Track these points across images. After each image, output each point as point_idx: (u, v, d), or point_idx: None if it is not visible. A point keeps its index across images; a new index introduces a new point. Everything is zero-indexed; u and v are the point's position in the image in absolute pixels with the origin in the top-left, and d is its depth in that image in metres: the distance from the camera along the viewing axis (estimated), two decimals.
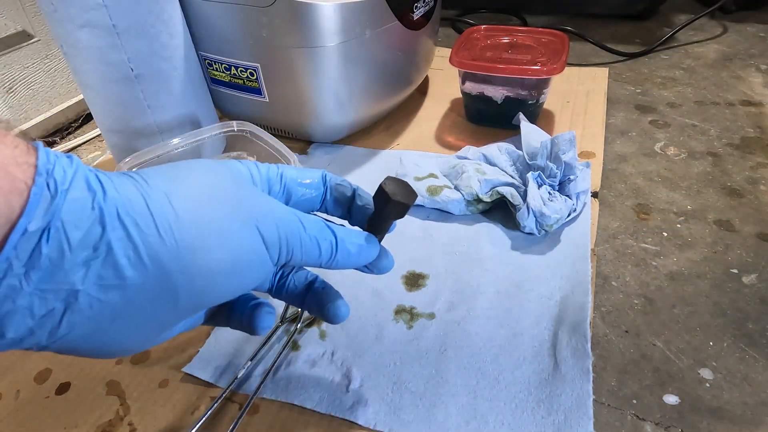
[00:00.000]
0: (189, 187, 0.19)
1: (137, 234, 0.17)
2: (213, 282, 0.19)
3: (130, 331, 0.18)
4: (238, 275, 0.20)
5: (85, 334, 0.17)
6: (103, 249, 0.16)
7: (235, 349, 0.38)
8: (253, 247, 0.20)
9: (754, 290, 0.40)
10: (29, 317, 0.15)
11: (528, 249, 0.45)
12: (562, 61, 0.55)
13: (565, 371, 0.34)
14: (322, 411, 0.33)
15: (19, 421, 0.35)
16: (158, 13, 0.47)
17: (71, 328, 0.16)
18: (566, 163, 0.46)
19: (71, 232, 0.15)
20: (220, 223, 0.19)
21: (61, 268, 0.15)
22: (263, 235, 0.20)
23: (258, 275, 0.21)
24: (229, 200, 0.20)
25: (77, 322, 0.16)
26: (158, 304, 0.18)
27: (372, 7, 0.51)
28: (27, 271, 0.15)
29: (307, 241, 0.22)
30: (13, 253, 0.14)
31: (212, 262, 0.19)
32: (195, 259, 0.18)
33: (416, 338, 0.38)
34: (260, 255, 0.20)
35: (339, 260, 0.24)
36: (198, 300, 0.19)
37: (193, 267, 0.18)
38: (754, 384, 0.34)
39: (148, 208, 0.17)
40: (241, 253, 0.19)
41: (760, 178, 0.52)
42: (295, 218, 0.22)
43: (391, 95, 0.61)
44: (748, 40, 0.84)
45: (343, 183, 0.27)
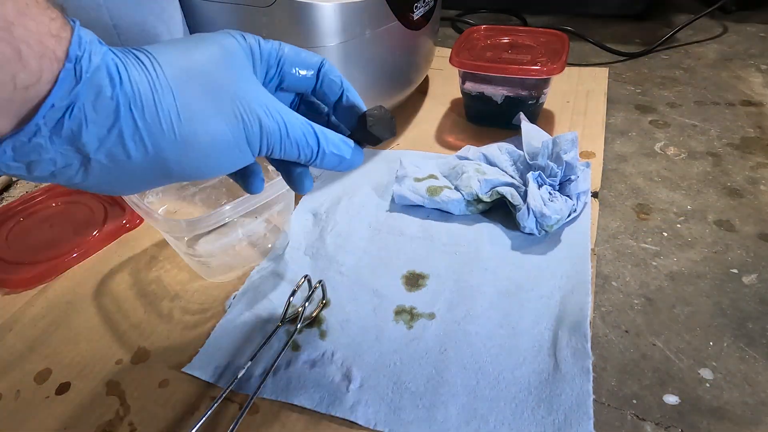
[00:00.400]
0: (191, 79, 0.22)
1: (143, 125, 0.20)
2: (200, 166, 0.23)
3: (130, 184, 0.22)
4: (222, 163, 0.23)
5: (95, 184, 0.21)
6: (115, 132, 0.19)
7: (235, 349, 0.38)
8: (237, 143, 0.23)
9: (754, 290, 0.40)
10: (51, 166, 0.19)
11: (528, 249, 0.45)
12: (562, 61, 0.55)
13: (565, 371, 0.34)
14: (322, 411, 0.33)
15: (19, 421, 0.35)
16: (158, 13, 0.46)
17: (84, 179, 0.20)
18: (567, 163, 0.46)
19: (89, 113, 0.19)
20: (212, 122, 0.22)
21: (79, 139, 0.19)
22: (246, 133, 0.23)
23: (237, 165, 0.24)
24: (224, 95, 0.22)
25: (89, 176, 0.20)
26: (153, 176, 0.22)
27: (372, 7, 0.51)
28: (51, 135, 0.18)
29: (288, 144, 0.25)
30: (42, 121, 0.18)
31: (201, 153, 0.22)
32: (187, 150, 0.21)
33: (416, 338, 0.38)
34: (242, 150, 0.23)
35: (317, 164, 0.26)
36: (187, 177, 0.23)
37: (185, 155, 0.22)
38: (754, 384, 0.34)
39: (154, 103, 0.20)
40: (227, 148, 0.23)
41: (760, 178, 0.52)
42: (280, 121, 0.24)
43: (391, 95, 0.61)
44: (748, 40, 0.84)
45: (335, 80, 0.28)
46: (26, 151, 0.18)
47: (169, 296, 0.43)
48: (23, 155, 0.18)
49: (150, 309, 0.42)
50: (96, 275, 0.46)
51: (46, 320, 0.42)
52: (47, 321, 0.42)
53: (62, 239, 0.48)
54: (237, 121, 0.23)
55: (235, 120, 0.23)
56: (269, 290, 0.43)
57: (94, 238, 0.48)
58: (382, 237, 0.47)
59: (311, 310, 0.41)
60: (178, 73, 0.21)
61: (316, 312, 0.40)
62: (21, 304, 0.43)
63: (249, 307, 0.41)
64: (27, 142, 0.18)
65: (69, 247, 0.47)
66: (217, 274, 0.44)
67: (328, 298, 0.42)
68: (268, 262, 0.46)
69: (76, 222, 0.50)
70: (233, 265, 0.44)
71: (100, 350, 0.39)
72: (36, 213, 0.52)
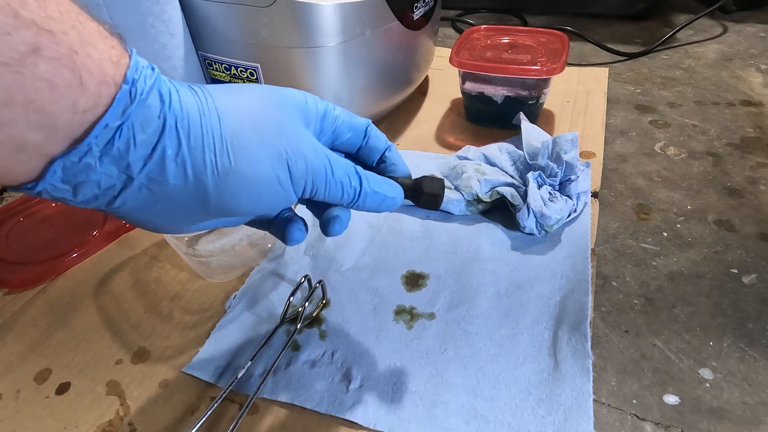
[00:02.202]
0: (239, 112, 0.22)
1: (186, 147, 0.20)
2: (239, 200, 0.22)
3: (168, 215, 0.22)
4: (262, 201, 0.23)
5: (134, 210, 0.21)
6: (159, 152, 0.20)
7: (235, 349, 0.38)
8: (280, 180, 0.23)
9: (754, 290, 0.40)
10: (96, 188, 0.19)
11: (528, 249, 0.45)
12: (562, 61, 0.55)
13: (565, 371, 0.34)
14: (322, 411, 0.33)
15: (19, 421, 0.35)
16: (158, 13, 0.46)
17: (124, 203, 0.20)
18: (567, 163, 0.46)
19: (138, 134, 0.19)
20: (256, 153, 0.22)
21: (126, 158, 0.19)
22: (291, 171, 0.23)
23: (279, 204, 0.24)
24: (271, 132, 0.23)
25: (129, 199, 0.20)
26: (191, 204, 0.22)
27: (372, 7, 0.51)
28: (101, 156, 0.18)
29: (333, 184, 0.25)
30: (94, 141, 0.18)
31: (242, 183, 0.22)
32: (228, 180, 0.21)
33: (416, 338, 0.38)
34: (285, 188, 0.23)
35: (360, 205, 0.26)
36: (225, 211, 0.22)
37: (225, 184, 0.21)
38: (754, 384, 0.34)
39: (201, 126, 0.20)
40: (268, 181, 0.22)
41: (760, 178, 0.52)
42: (326, 161, 0.24)
43: (391, 95, 0.61)
44: (748, 40, 0.84)
45: (380, 136, 0.29)
46: (75, 172, 0.18)
47: (169, 296, 0.43)
48: (72, 176, 0.18)
49: (150, 309, 0.42)
50: (96, 275, 0.46)
51: (46, 320, 0.42)
52: (47, 321, 0.42)
53: (62, 239, 0.48)
54: (282, 157, 0.23)
55: (280, 156, 0.22)
56: (269, 290, 0.43)
57: (94, 238, 0.48)
58: (382, 237, 0.47)
59: (311, 310, 0.41)
60: (227, 103, 0.22)
61: (316, 312, 0.40)
62: (21, 304, 0.43)
63: (249, 307, 0.41)
64: (77, 162, 0.18)
65: (69, 247, 0.47)
66: (217, 274, 0.44)
67: (328, 298, 0.42)
68: (268, 262, 0.46)
69: (76, 222, 0.50)
70: (233, 265, 0.44)
71: (100, 350, 0.39)
72: (36, 213, 0.52)
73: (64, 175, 0.18)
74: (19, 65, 0.16)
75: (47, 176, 0.18)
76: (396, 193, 0.28)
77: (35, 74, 0.16)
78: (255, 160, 0.22)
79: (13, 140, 0.17)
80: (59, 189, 0.19)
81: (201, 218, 0.23)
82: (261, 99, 0.23)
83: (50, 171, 0.18)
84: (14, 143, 0.17)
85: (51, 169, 0.18)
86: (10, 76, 0.15)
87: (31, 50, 0.16)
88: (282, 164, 0.23)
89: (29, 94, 0.16)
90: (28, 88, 0.16)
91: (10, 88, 0.16)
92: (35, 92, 0.16)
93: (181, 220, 0.23)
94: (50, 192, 0.19)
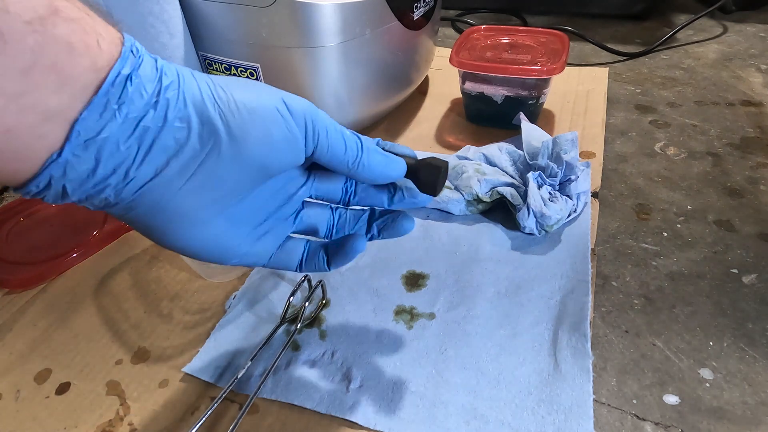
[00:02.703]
0: (226, 77, 0.23)
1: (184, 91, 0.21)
2: (249, 138, 0.22)
3: (188, 182, 0.21)
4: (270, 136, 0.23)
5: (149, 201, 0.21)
6: (162, 101, 0.20)
7: (235, 349, 0.38)
8: (280, 111, 0.23)
9: (754, 290, 0.40)
10: (116, 150, 0.19)
11: (528, 249, 0.45)
12: (562, 61, 0.55)
13: (566, 371, 0.34)
14: (322, 411, 0.33)
15: (19, 421, 0.35)
16: (158, 13, 0.46)
17: (138, 171, 0.20)
18: (567, 163, 0.46)
19: (146, 83, 0.19)
20: (252, 88, 0.23)
21: (138, 108, 0.19)
22: (288, 106, 0.23)
23: (288, 144, 0.23)
24: (260, 84, 0.23)
25: (145, 161, 0.20)
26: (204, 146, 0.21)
27: (372, 7, 0.51)
28: (119, 105, 0.19)
29: (332, 130, 0.24)
30: (111, 89, 0.18)
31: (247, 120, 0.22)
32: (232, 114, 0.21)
33: (416, 338, 0.38)
34: (287, 121, 0.23)
35: (365, 162, 0.25)
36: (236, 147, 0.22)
37: (232, 120, 0.21)
38: (754, 384, 0.34)
39: (193, 76, 0.21)
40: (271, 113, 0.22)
41: (760, 178, 0.52)
42: (323, 111, 0.24)
43: (391, 95, 0.61)
44: (748, 40, 0.84)
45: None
46: (97, 129, 0.18)
47: (169, 296, 0.43)
48: (94, 134, 0.18)
49: (150, 309, 0.42)
50: (96, 275, 0.46)
51: (46, 320, 0.42)
52: (47, 321, 0.42)
53: (62, 239, 0.48)
54: (277, 95, 0.23)
55: (276, 94, 0.23)
56: (269, 290, 0.43)
57: (94, 238, 0.48)
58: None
59: (311, 310, 0.41)
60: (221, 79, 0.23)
61: (316, 312, 0.40)
62: (21, 304, 0.43)
63: (249, 307, 0.41)
64: (98, 119, 0.18)
65: (69, 247, 0.47)
66: (217, 274, 0.44)
67: (328, 298, 0.42)
68: None
69: (76, 222, 0.50)
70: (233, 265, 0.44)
71: (100, 350, 0.39)
72: (36, 213, 0.52)
73: (87, 135, 0.18)
74: (41, 25, 0.16)
75: (72, 138, 0.18)
76: (398, 161, 0.27)
77: (55, 36, 0.17)
78: (252, 92, 0.22)
79: (39, 107, 0.17)
80: (82, 159, 0.19)
81: (220, 178, 0.22)
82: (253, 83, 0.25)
83: (74, 133, 0.18)
84: (40, 110, 0.17)
85: (74, 131, 0.18)
86: (32, 36, 0.16)
87: (50, 12, 0.16)
88: (278, 100, 0.23)
89: (51, 56, 0.17)
90: (50, 49, 0.17)
91: (34, 50, 0.16)
92: (56, 54, 0.17)
93: (200, 190, 0.22)
94: (74, 165, 0.19)
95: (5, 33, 0.16)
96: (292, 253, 0.29)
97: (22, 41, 0.16)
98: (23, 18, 0.16)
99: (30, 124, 0.17)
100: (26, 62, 0.16)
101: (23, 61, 0.16)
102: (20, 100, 0.16)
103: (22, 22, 0.16)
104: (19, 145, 0.17)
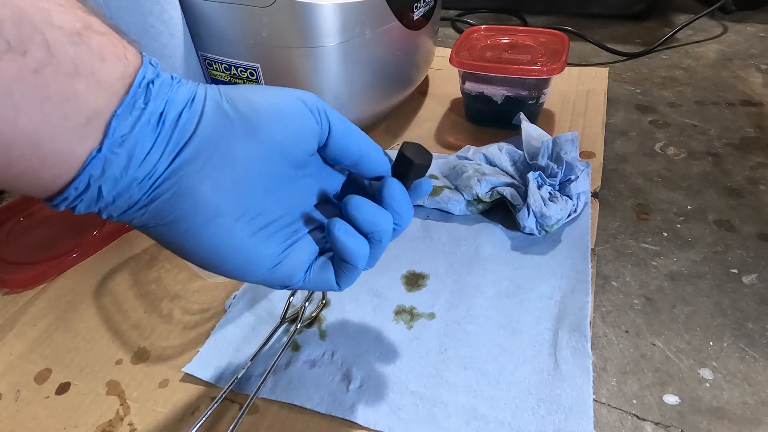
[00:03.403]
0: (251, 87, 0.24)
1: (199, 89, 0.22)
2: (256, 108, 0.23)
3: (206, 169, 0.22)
4: (278, 107, 0.23)
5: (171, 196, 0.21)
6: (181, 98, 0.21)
7: (235, 349, 0.38)
8: (289, 94, 0.24)
9: (754, 290, 0.40)
10: (144, 145, 0.20)
11: (528, 249, 0.45)
12: (562, 61, 0.55)
13: (566, 371, 0.34)
14: (322, 411, 0.33)
15: (19, 421, 0.35)
16: (158, 13, 0.46)
17: (159, 156, 0.21)
18: (568, 163, 0.46)
19: (166, 86, 0.21)
20: (269, 89, 0.24)
21: (161, 106, 0.21)
22: (305, 101, 0.24)
23: (300, 117, 0.24)
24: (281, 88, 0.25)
25: (164, 163, 0.21)
26: (218, 128, 0.22)
27: (372, 7, 0.51)
28: (146, 104, 0.20)
29: (343, 121, 0.25)
30: (138, 91, 0.20)
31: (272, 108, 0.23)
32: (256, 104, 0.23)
33: (416, 338, 0.38)
34: (297, 102, 0.24)
35: (371, 153, 0.26)
36: (247, 122, 0.22)
37: (239, 103, 0.22)
38: (754, 384, 0.34)
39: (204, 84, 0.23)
40: (279, 94, 0.24)
41: (760, 178, 0.52)
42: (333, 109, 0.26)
43: (391, 95, 0.61)
44: (748, 40, 0.84)
45: None
46: (128, 126, 0.20)
47: (169, 296, 0.43)
48: (126, 132, 0.20)
49: (150, 309, 0.42)
50: (96, 275, 0.46)
51: (46, 320, 0.42)
52: (47, 321, 0.42)
53: (62, 239, 0.48)
54: (294, 94, 0.24)
55: (293, 93, 0.24)
56: (269, 290, 0.43)
57: (94, 238, 0.48)
58: None
59: (311, 310, 0.41)
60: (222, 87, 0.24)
61: (316, 312, 0.40)
62: (21, 304, 0.43)
63: (249, 307, 0.41)
64: (128, 116, 0.20)
65: (69, 247, 0.47)
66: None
67: (328, 298, 0.42)
68: None
69: (76, 222, 0.50)
70: None
71: (100, 350, 0.39)
72: (36, 213, 0.52)
73: (120, 131, 0.20)
74: (78, 38, 0.18)
75: (108, 134, 0.19)
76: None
77: (91, 47, 0.18)
78: (271, 91, 0.24)
79: (82, 111, 0.18)
80: (118, 156, 0.20)
81: (236, 160, 0.22)
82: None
83: (110, 130, 0.19)
84: (84, 114, 0.19)
85: (111, 128, 0.19)
86: (72, 48, 0.18)
87: (85, 26, 0.18)
88: (296, 98, 0.24)
89: (89, 65, 0.18)
90: (88, 59, 0.18)
91: (74, 60, 0.18)
92: (93, 64, 0.18)
93: (219, 178, 0.22)
94: (111, 162, 0.20)
95: (51, 45, 0.17)
96: (328, 269, 0.26)
97: (64, 52, 0.18)
98: (66, 31, 0.18)
99: (73, 127, 0.18)
100: (70, 70, 0.18)
101: (67, 70, 0.18)
102: (64, 106, 0.18)
103: (65, 34, 0.18)
104: (63, 148, 0.19)
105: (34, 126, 0.17)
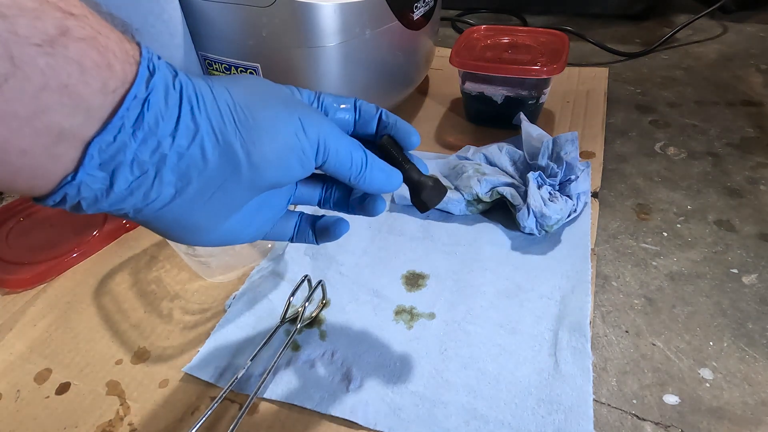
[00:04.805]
0: (244, 86, 0.23)
1: (205, 112, 0.21)
2: (267, 160, 0.22)
3: (204, 203, 0.22)
4: (287, 159, 0.23)
5: (170, 208, 0.21)
6: (183, 123, 0.20)
7: (235, 349, 0.38)
8: (296, 133, 0.23)
9: (754, 290, 0.40)
10: (131, 173, 0.19)
11: (528, 249, 0.45)
12: (562, 61, 0.55)
13: (566, 371, 0.34)
14: (322, 411, 0.33)
15: (19, 421, 0.35)
16: (158, 13, 0.46)
17: (159, 194, 0.20)
18: (568, 163, 0.46)
19: (162, 106, 0.19)
20: (271, 111, 0.23)
21: (156, 136, 0.19)
22: (305, 128, 0.23)
23: (301, 164, 0.24)
24: (277, 98, 0.24)
25: (164, 184, 0.20)
26: (224, 176, 0.22)
27: (372, 7, 0.51)
28: (134, 130, 0.19)
29: (342, 148, 0.25)
30: (126, 113, 0.18)
31: (266, 143, 0.22)
32: (252, 138, 0.22)
33: (416, 338, 0.38)
34: (303, 143, 0.23)
35: (367, 177, 0.26)
36: (256, 177, 0.22)
37: (250, 144, 0.22)
38: (754, 384, 0.34)
39: (213, 95, 0.21)
40: (287, 135, 0.23)
41: (760, 178, 0.52)
42: (334, 127, 0.25)
43: (391, 95, 0.61)
44: (748, 40, 0.84)
45: (370, 105, 0.29)
46: (111, 153, 0.18)
47: (169, 296, 0.43)
48: (109, 157, 0.18)
49: (150, 309, 0.42)
50: (96, 275, 0.46)
51: (46, 320, 0.42)
52: (47, 321, 0.42)
53: (62, 239, 0.48)
54: (294, 115, 0.23)
55: (292, 115, 0.23)
56: (269, 290, 0.43)
57: (94, 238, 0.48)
58: (382, 237, 0.47)
59: (311, 310, 0.41)
60: (228, 83, 0.23)
61: (316, 312, 0.40)
62: (21, 304, 0.43)
63: (249, 307, 0.41)
64: (112, 142, 0.18)
65: (69, 247, 0.47)
66: (217, 274, 0.44)
67: (328, 298, 0.42)
68: (268, 262, 0.46)
69: (76, 222, 0.50)
70: (233, 265, 0.44)
71: (100, 350, 0.39)
72: (36, 213, 0.52)
73: (101, 157, 0.18)
74: (51, 47, 0.16)
75: (85, 161, 0.18)
76: (396, 175, 0.28)
77: (66, 57, 0.16)
78: (271, 117, 0.22)
79: (52, 128, 0.17)
80: (97, 179, 0.19)
81: (235, 197, 0.23)
82: (259, 81, 0.24)
83: (88, 156, 0.18)
84: (54, 132, 0.17)
85: (88, 154, 0.18)
86: (43, 59, 0.16)
87: (60, 32, 0.16)
88: (296, 122, 0.23)
89: (63, 78, 0.16)
90: (61, 71, 0.16)
91: (45, 72, 0.16)
92: (68, 76, 0.17)
93: (216, 207, 0.23)
94: (88, 184, 0.18)
95: (15, 57, 0.15)
96: (287, 228, 0.30)
97: (32, 64, 0.16)
98: (33, 41, 0.16)
99: (44, 145, 0.17)
100: (37, 85, 0.16)
101: (35, 83, 0.16)
102: (33, 122, 0.16)
103: (32, 44, 0.16)
104: (35, 164, 0.17)
105: (0, 141, 0.16)
